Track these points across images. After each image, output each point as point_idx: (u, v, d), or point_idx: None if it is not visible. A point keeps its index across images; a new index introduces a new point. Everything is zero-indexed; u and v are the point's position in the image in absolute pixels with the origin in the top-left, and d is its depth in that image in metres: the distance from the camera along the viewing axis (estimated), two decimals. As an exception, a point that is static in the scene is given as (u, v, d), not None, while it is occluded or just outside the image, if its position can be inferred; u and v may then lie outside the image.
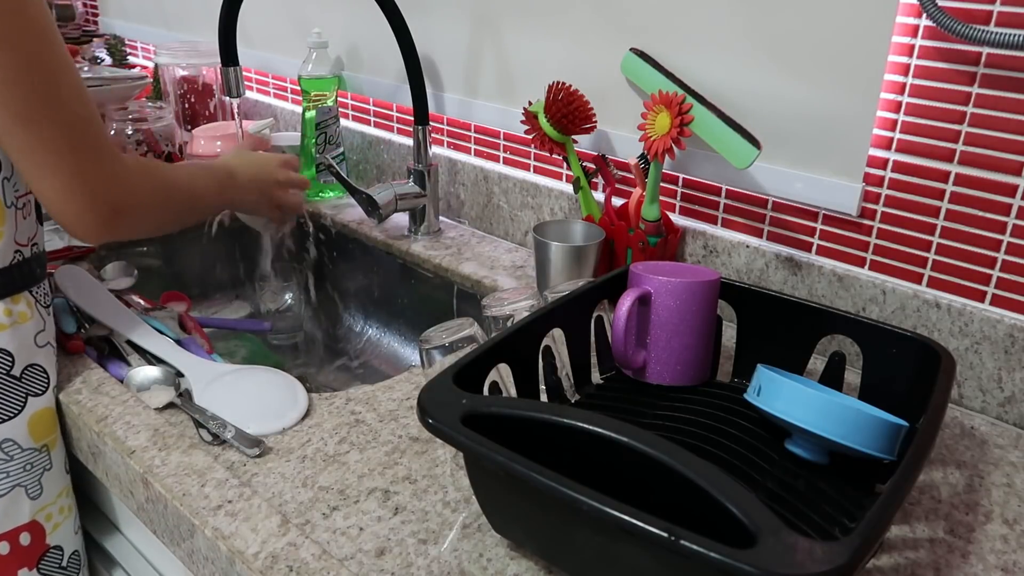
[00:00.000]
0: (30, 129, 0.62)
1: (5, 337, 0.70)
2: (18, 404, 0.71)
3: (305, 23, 1.33)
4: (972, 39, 0.66)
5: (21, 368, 0.71)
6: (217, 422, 0.68)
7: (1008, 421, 0.74)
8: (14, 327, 0.70)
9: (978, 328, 0.74)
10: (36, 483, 0.73)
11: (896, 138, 0.76)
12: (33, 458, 0.72)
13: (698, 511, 0.43)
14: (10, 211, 0.69)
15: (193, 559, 0.61)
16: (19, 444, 0.71)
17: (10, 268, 0.70)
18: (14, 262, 0.70)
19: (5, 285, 0.70)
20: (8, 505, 0.72)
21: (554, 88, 0.92)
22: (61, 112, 0.63)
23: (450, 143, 1.19)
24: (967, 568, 0.56)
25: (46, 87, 0.62)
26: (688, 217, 0.95)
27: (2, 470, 0.71)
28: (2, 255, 0.69)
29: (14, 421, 0.71)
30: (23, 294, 0.71)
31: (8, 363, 0.70)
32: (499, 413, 0.52)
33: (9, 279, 0.70)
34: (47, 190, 0.65)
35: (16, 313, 0.70)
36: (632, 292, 0.69)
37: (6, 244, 0.69)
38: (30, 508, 0.73)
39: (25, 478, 0.72)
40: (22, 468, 0.72)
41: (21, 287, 0.71)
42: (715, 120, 0.81)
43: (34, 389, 0.72)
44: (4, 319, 0.69)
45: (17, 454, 0.71)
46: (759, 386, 0.63)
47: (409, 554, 0.55)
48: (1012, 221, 0.71)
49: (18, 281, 0.71)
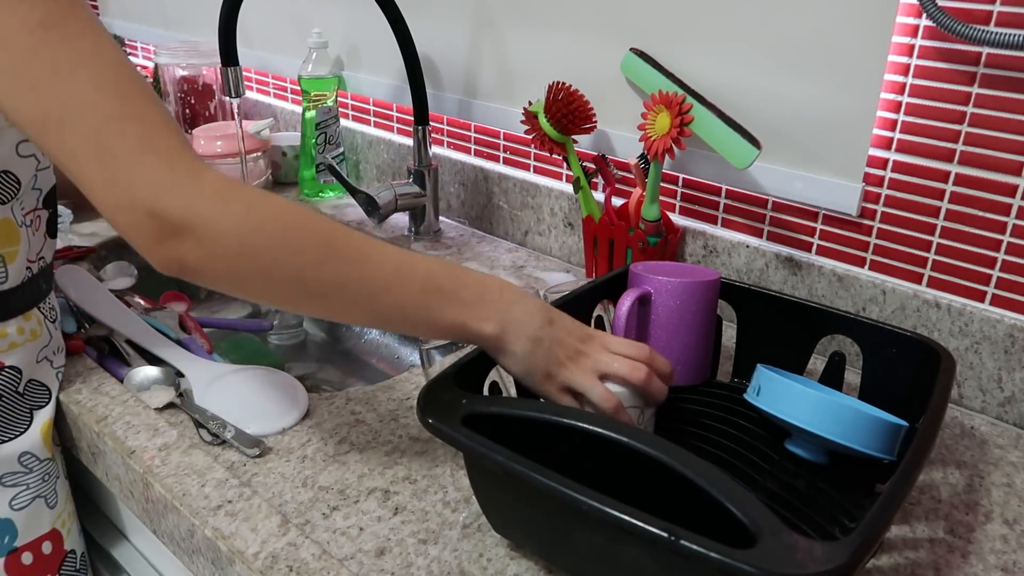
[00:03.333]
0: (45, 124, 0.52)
1: (18, 355, 0.69)
2: (26, 419, 0.71)
3: (305, 23, 1.33)
4: (972, 39, 0.66)
5: (24, 383, 0.70)
6: (217, 422, 0.68)
7: (1008, 421, 0.74)
8: (26, 344, 0.70)
9: (978, 328, 0.74)
10: (53, 492, 0.73)
11: (896, 138, 0.76)
12: (48, 468, 0.72)
13: (698, 511, 0.43)
14: (22, 230, 0.68)
15: (193, 559, 0.61)
16: (36, 456, 0.71)
17: (22, 286, 0.69)
18: (25, 279, 0.70)
19: (19, 303, 0.69)
20: (30, 516, 0.71)
21: (554, 88, 0.92)
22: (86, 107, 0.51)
23: (450, 143, 1.19)
24: (967, 568, 0.56)
25: (66, 83, 0.51)
26: (688, 217, 0.95)
27: (23, 482, 0.70)
28: (16, 274, 0.68)
29: (29, 434, 0.70)
30: (33, 311, 0.71)
31: (17, 380, 0.70)
32: (499, 413, 0.52)
33: (22, 297, 0.69)
34: (87, 184, 0.52)
35: (28, 331, 0.70)
36: (632, 292, 0.69)
37: (20, 263, 0.68)
38: (50, 517, 0.73)
39: (44, 488, 0.72)
40: (41, 479, 0.72)
41: (32, 304, 0.71)
42: (715, 120, 0.81)
43: (38, 402, 0.72)
44: (17, 337, 0.69)
45: (36, 466, 0.71)
46: (759, 386, 0.63)
47: (409, 554, 0.55)
48: (1012, 221, 0.71)
49: (29, 299, 0.70)
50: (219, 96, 1.48)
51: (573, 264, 1.06)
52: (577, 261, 1.05)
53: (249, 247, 0.51)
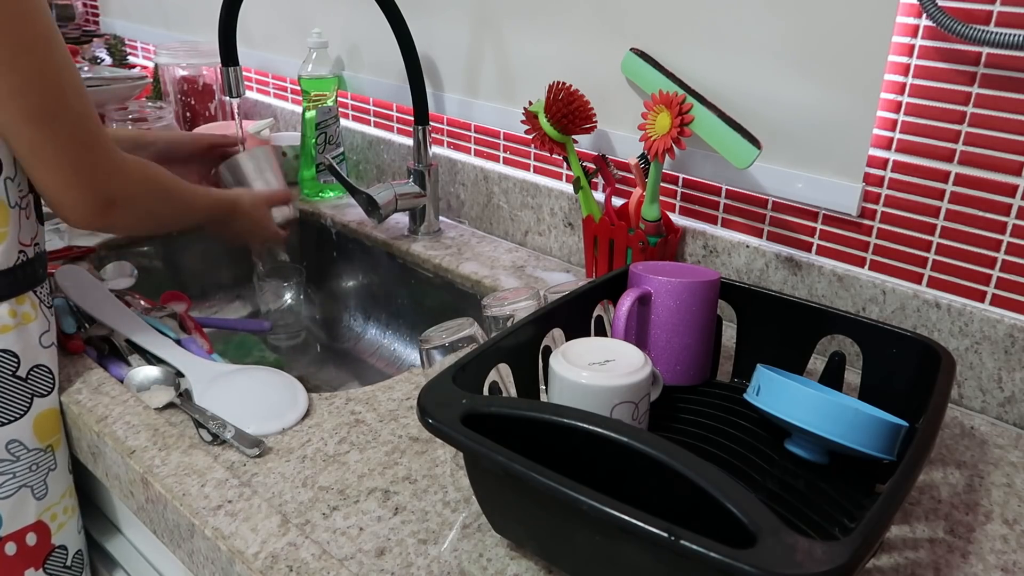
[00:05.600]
0: (39, 128, 0.65)
1: (10, 338, 0.70)
2: (24, 405, 0.71)
3: (305, 23, 1.34)
4: (972, 39, 0.66)
5: (27, 369, 0.71)
6: (217, 422, 0.68)
7: (1008, 421, 0.74)
8: (19, 328, 0.70)
9: (978, 328, 0.74)
10: (42, 483, 0.73)
11: (896, 138, 0.76)
12: (39, 458, 0.72)
13: (698, 511, 0.43)
14: (14, 211, 0.69)
15: (193, 559, 0.61)
16: (25, 445, 0.71)
17: (14, 269, 0.70)
18: (18, 262, 0.70)
19: (10, 285, 0.70)
20: (15, 506, 0.72)
21: (554, 88, 0.92)
22: (66, 111, 0.66)
23: (450, 143, 1.19)
24: (967, 568, 0.56)
25: (54, 89, 0.65)
26: (688, 217, 0.95)
27: (8, 471, 0.71)
28: (6, 255, 0.69)
29: (20, 422, 0.71)
30: (27, 294, 0.71)
31: (14, 364, 0.70)
32: (499, 413, 0.52)
33: (13, 279, 0.70)
34: (49, 182, 0.68)
35: (20, 314, 0.70)
36: (632, 292, 0.69)
37: (10, 244, 0.69)
38: (36, 508, 0.73)
39: (31, 478, 0.72)
40: (28, 469, 0.72)
41: (25, 287, 0.71)
42: (715, 120, 0.81)
43: (39, 390, 0.72)
44: (8, 320, 0.69)
45: (23, 455, 0.71)
46: (759, 386, 0.63)
47: (409, 554, 0.55)
48: (1012, 221, 0.71)
49: (22, 282, 0.71)
50: (219, 96, 1.48)
51: (573, 264, 1.06)
52: (577, 261, 1.05)
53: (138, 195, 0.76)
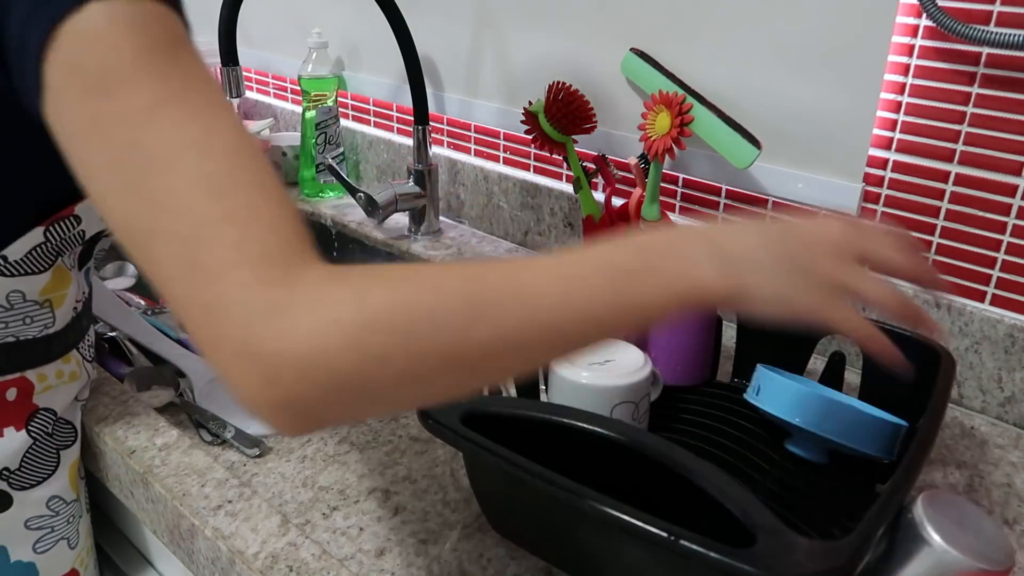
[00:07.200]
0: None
1: (53, 398, 0.66)
2: (54, 460, 0.68)
3: (305, 23, 1.33)
4: (972, 39, 0.66)
5: (54, 425, 0.67)
6: (217, 422, 0.68)
7: (1008, 421, 0.74)
8: (60, 387, 0.67)
9: (978, 328, 0.74)
10: (75, 532, 0.71)
11: (896, 138, 0.76)
12: (73, 510, 0.70)
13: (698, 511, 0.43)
14: (72, 272, 0.65)
15: (193, 559, 0.61)
16: (64, 499, 0.69)
17: (66, 329, 0.65)
18: (70, 322, 0.66)
19: (60, 347, 0.66)
20: (53, 558, 0.69)
21: (554, 88, 0.92)
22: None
23: (450, 143, 1.19)
24: (967, 568, 0.56)
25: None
26: (688, 217, 0.95)
27: (48, 525, 0.68)
28: (63, 318, 0.65)
29: (56, 476, 0.68)
30: (72, 352, 0.68)
31: (50, 423, 0.66)
32: (499, 413, 0.52)
33: (64, 340, 0.66)
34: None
35: (68, 373, 0.67)
36: (632, 292, 0.69)
37: (67, 306, 0.65)
38: (71, 558, 0.71)
39: (68, 530, 0.70)
40: (66, 522, 0.69)
41: (72, 345, 0.68)
42: (715, 120, 0.81)
43: (64, 441, 0.69)
44: (54, 380, 0.66)
45: (63, 509, 0.69)
46: (759, 386, 0.63)
47: (409, 554, 0.55)
48: (1012, 221, 0.71)
49: (71, 340, 0.67)
50: (219, 96, 1.48)
51: (573, 264, 1.06)
52: (577, 261, 1.05)
53: (369, 349, 0.36)
